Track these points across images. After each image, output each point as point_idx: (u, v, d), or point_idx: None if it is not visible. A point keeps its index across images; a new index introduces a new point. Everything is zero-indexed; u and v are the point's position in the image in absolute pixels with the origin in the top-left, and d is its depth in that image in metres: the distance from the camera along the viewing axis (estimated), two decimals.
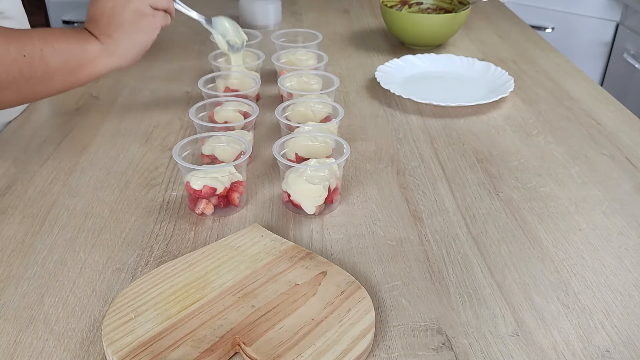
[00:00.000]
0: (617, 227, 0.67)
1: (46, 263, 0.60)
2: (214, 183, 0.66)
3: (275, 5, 1.32)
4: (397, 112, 0.94)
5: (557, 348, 0.51)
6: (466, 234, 0.65)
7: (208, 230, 0.66)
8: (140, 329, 0.49)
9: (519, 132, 0.88)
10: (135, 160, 0.79)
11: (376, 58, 1.17)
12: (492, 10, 1.47)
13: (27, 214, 0.68)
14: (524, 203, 0.71)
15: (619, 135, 0.87)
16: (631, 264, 0.61)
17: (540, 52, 1.20)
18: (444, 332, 0.53)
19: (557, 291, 0.57)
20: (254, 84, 0.89)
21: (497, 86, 1.01)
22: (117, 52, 0.74)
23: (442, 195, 0.72)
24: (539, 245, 0.64)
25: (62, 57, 0.69)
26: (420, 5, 1.29)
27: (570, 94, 1.01)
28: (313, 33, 1.08)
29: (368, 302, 0.53)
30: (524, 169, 0.78)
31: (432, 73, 1.09)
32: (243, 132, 0.76)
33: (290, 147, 0.73)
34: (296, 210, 0.68)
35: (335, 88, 0.86)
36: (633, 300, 0.56)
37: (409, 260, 0.61)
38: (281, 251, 0.59)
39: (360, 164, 0.79)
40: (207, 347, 0.48)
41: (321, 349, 0.48)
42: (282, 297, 0.53)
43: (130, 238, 0.64)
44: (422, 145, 0.84)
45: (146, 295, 0.53)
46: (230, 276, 0.56)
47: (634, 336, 0.52)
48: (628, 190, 0.74)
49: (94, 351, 0.50)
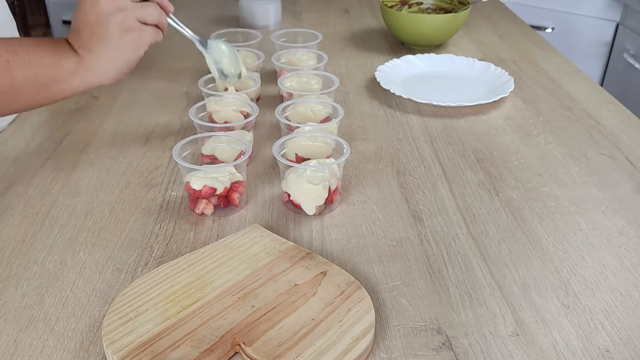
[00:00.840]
0: (617, 227, 0.67)
1: (46, 263, 0.60)
2: (214, 183, 0.66)
3: (275, 5, 1.32)
4: (397, 112, 0.94)
5: (557, 348, 0.51)
6: (466, 234, 0.65)
7: (208, 230, 0.66)
8: (140, 329, 0.49)
9: (519, 132, 0.88)
10: (135, 160, 0.79)
11: (376, 58, 1.17)
12: (492, 10, 1.47)
13: (27, 214, 0.68)
14: (524, 203, 0.71)
15: (619, 135, 0.87)
16: (631, 264, 0.61)
17: (540, 52, 1.20)
18: (444, 332, 0.53)
19: (557, 291, 0.57)
20: (254, 84, 0.89)
21: (497, 86, 1.01)
22: (96, 68, 0.67)
23: (442, 195, 0.72)
24: (539, 245, 0.64)
25: (31, 71, 0.63)
26: (420, 5, 1.29)
27: (570, 94, 1.01)
28: (313, 33, 1.08)
29: (368, 302, 0.53)
30: (524, 169, 0.78)
31: (432, 73, 1.09)
32: (243, 132, 0.76)
33: (290, 147, 0.73)
34: (296, 210, 0.68)
35: (335, 88, 0.86)
36: (633, 300, 0.56)
37: (409, 260, 0.61)
38: (281, 251, 0.59)
39: (360, 164, 0.79)
40: (207, 347, 0.48)
41: (321, 349, 0.48)
42: (282, 297, 0.53)
43: (130, 238, 0.64)
44: (422, 145, 0.84)
45: (146, 295, 0.53)
46: (230, 276, 0.56)
47: (634, 336, 0.52)
48: (628, 190, 0.74)
49: (94, 351, 0.50)
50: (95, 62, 0.67)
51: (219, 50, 0.81)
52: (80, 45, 0.66)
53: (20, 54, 0.62)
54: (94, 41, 0.66)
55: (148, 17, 0.68)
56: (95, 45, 0.66)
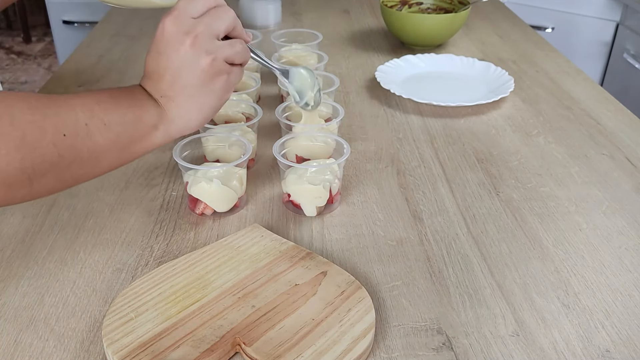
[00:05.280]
0: (617, 227, 0.67)
1: (46, 263, 0.60)
2: None
3: (275, 5, 1.32)
4: (397, 112, 0.94)
5: (557, 348, 0.51)
6: (466, 234, 0.65)
7: (208, 230, 0.66)
8: (140, 329, 0.49)
9: (519, 132, 0.88)
10: (135, 160, 0.79)
11: (376, 58, 1.17)
12: (492, 10, 1.47)
13: (27, 214, 0.68)
14: (524, 203, 0.71)
15: (619, 135, 0.87)
16: (631, 264, 0.61)
17: (540, 52, 1.20)
18: (444, 332, 0.53)
19: (557, 291, 0.57)
20: (254, 84, 0.89)
21: (497, 86, 1.01)
22: (180, 120, 0.58)
23: (442, 195, 0.72)
24: (539, 245, 0.64)
25: (113, 133, 0.54)
26: (420, 5, 1.29)
27: (570, 94, 1.01)
28: (313, 33, 1.08)
29: (368, 302, 0.53)
30: (524, 169, 0.78)
31: (432, 73, 1.09)
32: (246, 129, 0.75)
33: (290, 148, 0.73)
34: (296, 210, 0.68)
35: (335, 88, 0.86)
36: (633, 300, 0.56)
37: (409, 260, 0.61)
38: (281, 251, 0.59)
39: (360, 164, 0.79)
40: (207, 347, 0.48)
41: (321, 349, 0.48)
42: (282, 297, 0.53)
43: (130, 238, 0.64)
44: (422, 145, 0.84)
45: (146, 295, 0.53)
46: (231, 276, 0.56)
47: (634, 336, 0.52)
48: (628, 190, 0.74)
49: (94, 351, 0.50)
50: (179, 112, 0.58)
51: (300, 76, 0.73)
52: (162, 94, 0.57)
53: (100, 115, 0.53)
54: (178, 89, 0.57)
55: (237, 56, 0.60)
56: (179, 94, 0.57)
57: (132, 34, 1.26)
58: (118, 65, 1.10)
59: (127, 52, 1.17)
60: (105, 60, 1.13)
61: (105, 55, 1.15)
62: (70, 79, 1.04)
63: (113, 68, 1.09)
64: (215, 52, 0.57)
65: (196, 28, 0.56)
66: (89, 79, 1.04)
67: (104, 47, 1.19)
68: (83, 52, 1.17)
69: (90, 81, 1.03)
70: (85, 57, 1.14)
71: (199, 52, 0.56)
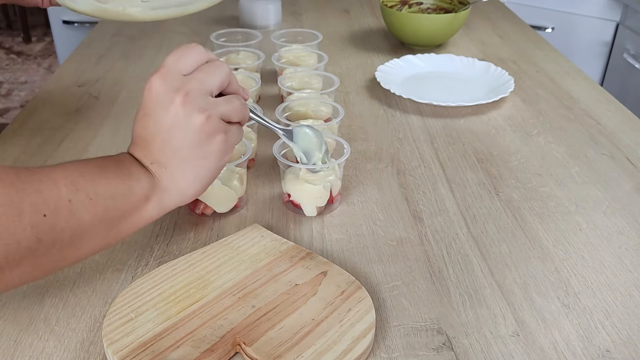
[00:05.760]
0: (617, 227, 0.67)
1: None
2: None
3: (275, 5, 1.32)
4: (397, 112, 0.94)
5: (558, 348, 0.51)
6: (466, 234, 0.65)
7: (208, 230, 0.66)
8: (140, 329, 0.49)
9: (519, 132, 0.88)
10: None
11: (376, 58, 1.17)
12: (492, 10, 1.47)
13: None
14: (524, 203, 0.71)
15: (619, 135, 0.87)
16: (631, 264, 0.61)
17: (540, 52, 1.20)
18: (444, 332, 0.53)
19: (558, 291, 0.57)
20: (254, 84, 0.89)
21: (497, 86, 1.01)
22: (174, 188, 0.53)
23: (442, 195, 0.72)
24: (539, 245, 0.64)
25: (101, 207, 0.48)
26: (420, 5, 1.29)
27: (570, 94, 1.01)
28: (313, 33, 1.08)
29: (368, 302, 0.53)
30: (524, 169, 0.78)
31: (432, 73, 1.09)
32: (246, 129, 0.75)
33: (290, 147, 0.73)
34: (296, 210, 0.68)
35: (335, 88, 0.86)
36: (633, 300, 0.56)
37: (409, 260, 0.61)
38: (281, 251, 0.59)
39: (360, 164, 0.79)
40: (207, 347, 0.48)
41: (321, 349, 0.48)
42: (282, 297, 0.53)
43: (130, 238, 0.64)
44: (422, 145, 0.84)
45: (146, 295, 0.53)
46: (231, 276, 0.56)
47: (634, 336, 0.52)
48: (628, 190, 0.74)
49: (94, 351, 0.50)
50: (173, 180, 0.52)
51: (305, 136, 0.66)
52: (153, 160, 0.52)
53: (84, 188, 0.47)
54: (170, 153, 0.51)
55: (234, 113, 0.54)
56: (172, 158, 0.52)
57: (132, 34, 1.26)
58: (118, 65, 1.10)
59: (127, 52, 1.17)
60: (105, 60, 1.13)
61: (105, 55, 1.15)
62: (70, 79, 1.04)
63: (113, 68, 1.09)
64: (209, 110, 0.52)
65: (187, 85, 0.51)
66: (89, 79, 1.04)
67: (104, 47, 1.19)
68: (83, 52, 1.17)
69: (90, 81, 1.03)
70: (85, 57, 1.14)
71: (191, 110, 0.51)
